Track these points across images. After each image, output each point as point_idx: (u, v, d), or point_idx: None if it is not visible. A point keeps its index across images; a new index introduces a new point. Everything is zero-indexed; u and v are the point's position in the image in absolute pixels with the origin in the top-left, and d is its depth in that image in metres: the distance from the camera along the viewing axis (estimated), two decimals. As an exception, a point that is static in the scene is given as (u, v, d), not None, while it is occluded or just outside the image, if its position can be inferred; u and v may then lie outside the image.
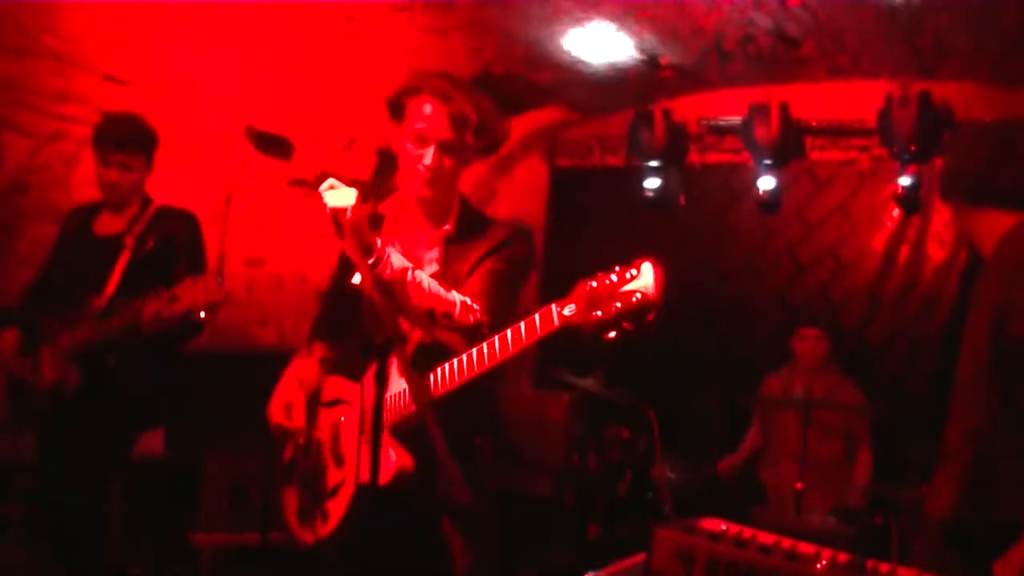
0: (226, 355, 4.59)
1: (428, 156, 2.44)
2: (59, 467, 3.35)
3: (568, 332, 2.05)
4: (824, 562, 1.71)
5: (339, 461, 2.50)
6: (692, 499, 4.66)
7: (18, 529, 3.89)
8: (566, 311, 2.02)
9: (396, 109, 2.52)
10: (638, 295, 1.93)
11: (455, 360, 2.24)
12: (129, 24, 4.03)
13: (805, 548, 1.77)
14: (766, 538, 1.80)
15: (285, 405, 2.62)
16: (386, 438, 2.30)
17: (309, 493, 2.56)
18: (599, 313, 1.96)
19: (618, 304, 1.94)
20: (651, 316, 1.96)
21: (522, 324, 2.13)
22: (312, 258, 5.55)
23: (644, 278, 1.96)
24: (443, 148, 2.45)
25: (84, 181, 4.39)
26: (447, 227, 2.55)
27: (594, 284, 2.00)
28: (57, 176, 4.37)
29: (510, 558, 4.48)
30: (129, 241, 3.41)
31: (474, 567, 2.48)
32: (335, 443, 2.54)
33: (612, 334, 1.98)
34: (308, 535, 2.54)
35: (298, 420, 2.60)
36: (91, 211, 3.57)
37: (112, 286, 3.32)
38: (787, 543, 1.78)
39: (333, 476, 2.51)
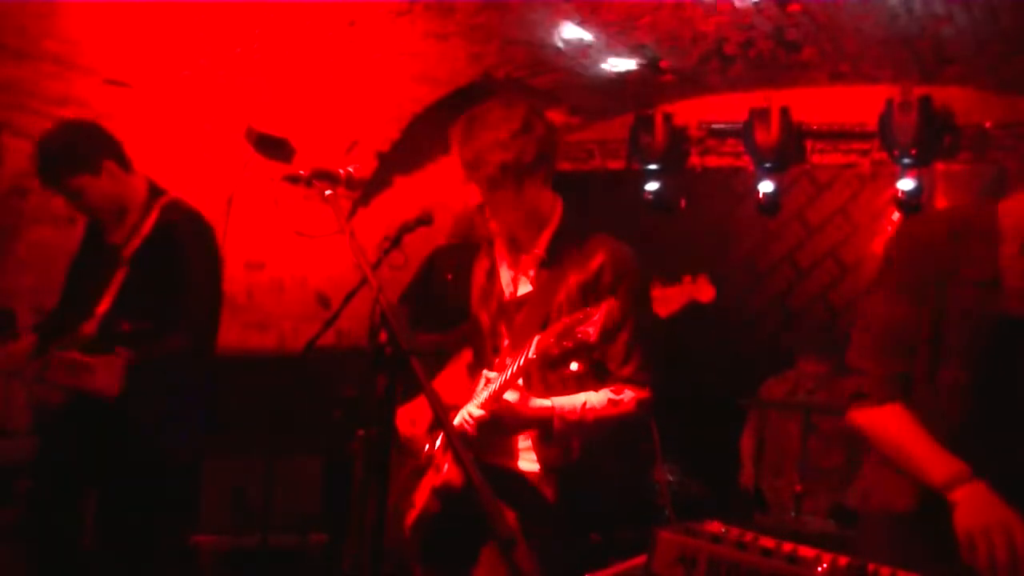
0: (226, 359, 4.58)
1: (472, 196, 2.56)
2: (48, 476, 3.32)
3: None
4: (825, 566, 1.71)
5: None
6: (692, 503, 4.65)
7: (15, 533, 3.88)
8: (540, 342, 2.32)
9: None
10: (582, 335, 2.23)
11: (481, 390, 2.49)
12: (130, 27, 4.04)
13: (806, 552, 1.77)
14: (767, 541, 1.79)
15: (411, 415, 2.75)
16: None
17: (413, 486, 2.72)
18: (555, 350, 2.29)
19: (569, 343, 2.26)
20: (595, 355, 2.36)
21: (521, 350, 2.38)
22: (313, 261, 5.55)
23: (596, 319, 2.23)
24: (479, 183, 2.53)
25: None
26: (537, 251, 2.61)
27: (566, 319, 2.29)
28: (58, 179, 4.37)
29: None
30: (126, 255, 3.23)
31: None
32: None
33: (574, 366, 2.38)
34: (407, 522, 2.71)
35: (420, 428, 2.72)
36: None
37: (104, 307, 3.19)
38: (788, 547, 1.78)
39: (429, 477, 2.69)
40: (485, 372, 2.55)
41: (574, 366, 2.39)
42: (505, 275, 2.71)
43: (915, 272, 2.20)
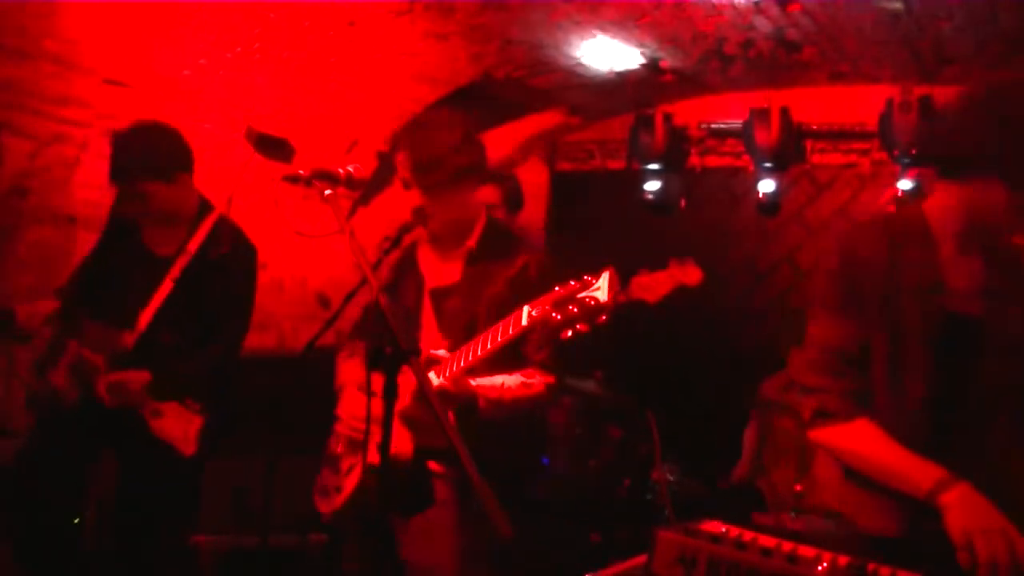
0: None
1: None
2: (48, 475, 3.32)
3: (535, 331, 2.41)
4: (825, 565, 1.71)
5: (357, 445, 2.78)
6: (691, 503, 4.65)
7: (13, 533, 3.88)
8: (534, 312, 2.35)
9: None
10: (590, 299, 2.25)
11: (444, 362, 2.57)
12: (130, 27, 4.04)
13: (806, 551, 1.77)
14: (767, 541, 1.80)
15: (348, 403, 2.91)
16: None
17: (333, 472, 2.88)
18: (557, 315, 2.28)
19: (574, 308, 2.26)
20: (602, 318, 2.27)
21: (499, 325, 2.45)
22: (313, 261, 5.55)
23: (601, 285, 2.27)
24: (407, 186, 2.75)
25: (84, 184, 4.39)
26: (469, 244, 2.81)
27: (559, 289, 2.31)
28: (57, 179, 4.36)
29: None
30: (176, 272, 3.20)
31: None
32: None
33: (569, 333, 2.30)
34: (325, 507, 2.87)
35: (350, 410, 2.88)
36: None
37: (147, 320, 3.18)
38: (788, 546, 1.78)
39: (347, 459, 2.83)
40: (432, 351, 2.63)
41: (579, 326, 2.42)
42: (428, 269, 2.87)
43: (857, 288, 2.19)
